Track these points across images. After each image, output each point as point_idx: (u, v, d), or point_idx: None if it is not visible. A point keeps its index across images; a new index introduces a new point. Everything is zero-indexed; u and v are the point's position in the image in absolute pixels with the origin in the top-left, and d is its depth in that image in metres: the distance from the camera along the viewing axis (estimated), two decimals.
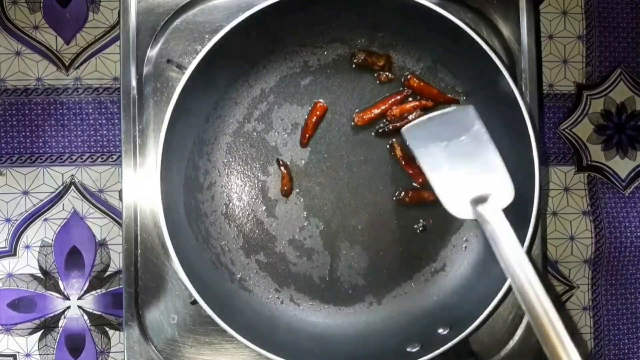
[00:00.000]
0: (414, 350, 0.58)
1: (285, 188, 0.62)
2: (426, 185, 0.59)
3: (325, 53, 0.62)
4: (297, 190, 0.63)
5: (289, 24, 0.59)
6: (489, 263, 0.61)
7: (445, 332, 0.59)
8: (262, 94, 0.62)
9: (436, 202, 0.56)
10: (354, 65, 0.62)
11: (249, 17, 0.54)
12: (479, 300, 0.58)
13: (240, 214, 0.62)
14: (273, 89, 0.62)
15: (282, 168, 0.62)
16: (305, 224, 0.63)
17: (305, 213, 0.63)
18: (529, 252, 0.57)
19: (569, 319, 0.71)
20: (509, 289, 0.57)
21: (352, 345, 0.61)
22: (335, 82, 0.63)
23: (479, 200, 0.53)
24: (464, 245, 0.64)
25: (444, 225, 0.64)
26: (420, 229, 0.63)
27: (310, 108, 0.62)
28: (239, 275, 0.62)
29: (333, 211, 0.63)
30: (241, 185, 0.62)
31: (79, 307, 0.66)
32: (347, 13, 0.60)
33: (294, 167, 0.63)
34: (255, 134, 0.62)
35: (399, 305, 0.63)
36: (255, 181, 0.62)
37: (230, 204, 0.62)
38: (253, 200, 0.62)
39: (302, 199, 0.63)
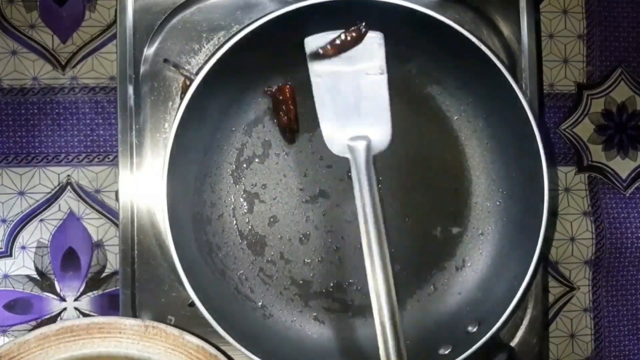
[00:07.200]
0: (447, 352, 0.57)
1: None
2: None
3: None
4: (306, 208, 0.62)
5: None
6: (505, 252, 0.60)
7: (474, 330, 0.58)
8: (256, 118, 0.61)
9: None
10: None
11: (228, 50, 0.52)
12: (503, 292, 0.57)
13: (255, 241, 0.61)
14: (266, 111, 0.61)
15: None
16: (323, 242, 0.62)
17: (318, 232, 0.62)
18: (542, 253, 0.56)
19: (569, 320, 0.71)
20: (533, 277, 0.56)
21: None
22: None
23: (356, 139, 0.56)
24: (480, 238, 0.63)
25: (457, 222, 0.63)
26: (438, 232, 0.63)
27: None
28: (259, 303, 0.61)
29: (349, 227, 0.61)
30: (248, 212, 0.61)
31: (76, 308, 0.65)
32: None
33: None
34: (256, 158, 0.61)
35: (425, 307, 0.62)
36: (262, 206, 0.61)
37: (244, 233, 0.61)
38: (263, 225, 0.61)
39: (310, 216, 0.62)
